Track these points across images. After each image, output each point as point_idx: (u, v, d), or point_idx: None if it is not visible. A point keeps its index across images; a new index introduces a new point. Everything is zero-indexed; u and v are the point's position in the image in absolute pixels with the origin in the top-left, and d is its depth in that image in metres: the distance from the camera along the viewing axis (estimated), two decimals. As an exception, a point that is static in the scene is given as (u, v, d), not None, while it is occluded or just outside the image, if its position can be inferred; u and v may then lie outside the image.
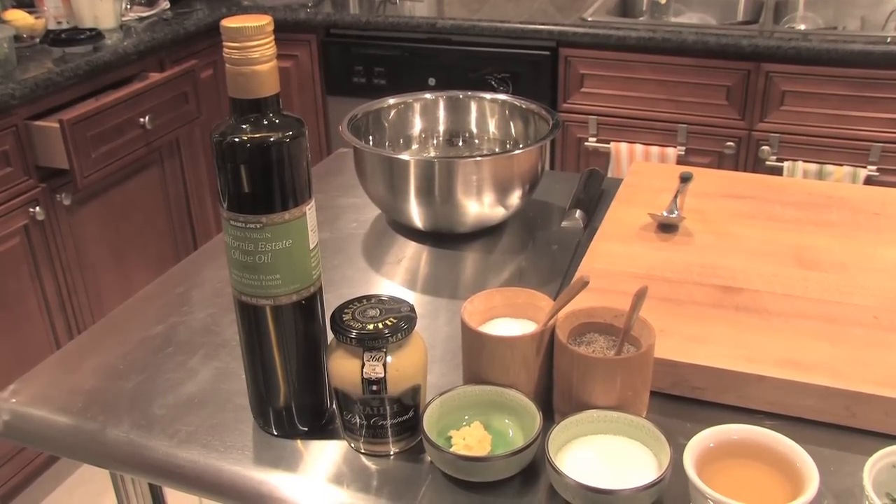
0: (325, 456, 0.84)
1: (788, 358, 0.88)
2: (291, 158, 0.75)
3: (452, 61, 2.60)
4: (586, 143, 2.55)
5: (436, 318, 1.06)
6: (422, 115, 1.37)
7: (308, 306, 0.81)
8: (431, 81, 2.63)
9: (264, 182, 0.75)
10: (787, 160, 2.36)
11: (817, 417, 0.86)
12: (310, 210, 0.78)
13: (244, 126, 0.75)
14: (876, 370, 0.86)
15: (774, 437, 0.76)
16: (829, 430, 0.85)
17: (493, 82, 2.56)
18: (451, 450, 0.79)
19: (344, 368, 0.79)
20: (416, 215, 1.20)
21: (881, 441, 0.77)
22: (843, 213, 1.19)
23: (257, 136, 0.74)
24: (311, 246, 0.79)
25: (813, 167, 2.32)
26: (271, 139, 0.74)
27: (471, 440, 0.79)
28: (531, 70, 2.53)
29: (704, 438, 0.76)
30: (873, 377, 0.85)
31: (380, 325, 0.78)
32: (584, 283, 0.80)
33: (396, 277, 1.15)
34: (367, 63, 2.70)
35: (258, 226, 0.75)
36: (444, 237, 1.24)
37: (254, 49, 0.72)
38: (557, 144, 2.61)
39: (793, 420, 0.86)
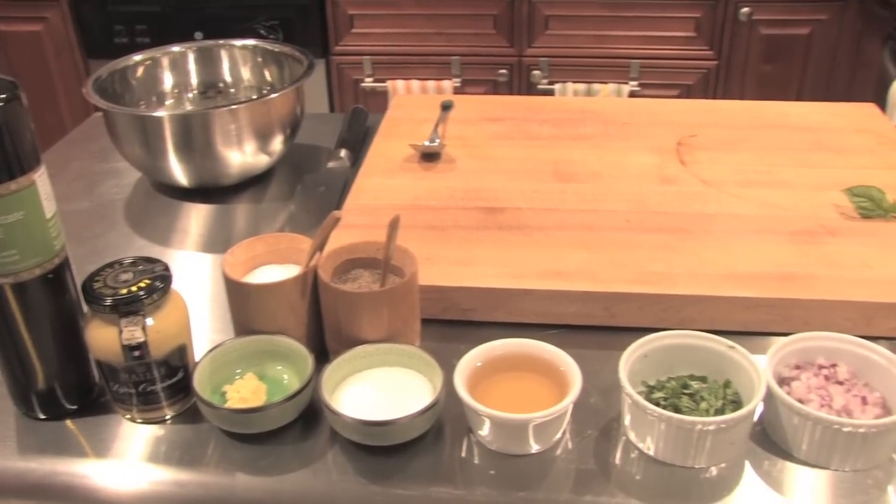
0: (99, 431, 0.80)
1: (550, 269, 0.92)
2: (9, 124, 0.70)
3: (218, 13, 2.51)
4: (363, 84, 2.54)
5: (209, 275, 1.03)
6: (171, 70, 1.31)
7: (55, 279, 0.76)
8: (198, 36, 2.53)
9: (-19, 153, 0.69)
10: (557, 83, 2.44)
11: (582, 322, 0.90)
12: (40, 178, 0.73)
13: (-50, 94, 0.69)
14: (629, 270, 0.91)
15: (537, 345, 0.79)
16: (594, 333, 0.90)
17: (262, 31, 2.49)
18: (226, 405, 0.77)
19: (102, 338, 0.75)
20: (178, 173, 1.15)
21: (639, 335, 0.80)
22: (595, 125, 1.24)
23: (-35, 103, 0.68)
24: (48, 215, 0.74)
25: (581, 87, 2.41)
26: (-19, 105, 0.69)
27: (245, 392, 0.78)
28: (300, 15, 2.47)
29: (471, 358, 0.78)
30: (627, 277, 0.90)
31: (133, 289, 0.75)
32: (336, 220, 0.79)
33: (165, 239, 1.11)
34: (127, 21, 2.55)
35: (-18, 200, 0.70)
36: (210, 192, 1.20)
37: (-55, 8, 0.66)
38: (334, 88, 2.58)
39: (561, 328, 0.90)
